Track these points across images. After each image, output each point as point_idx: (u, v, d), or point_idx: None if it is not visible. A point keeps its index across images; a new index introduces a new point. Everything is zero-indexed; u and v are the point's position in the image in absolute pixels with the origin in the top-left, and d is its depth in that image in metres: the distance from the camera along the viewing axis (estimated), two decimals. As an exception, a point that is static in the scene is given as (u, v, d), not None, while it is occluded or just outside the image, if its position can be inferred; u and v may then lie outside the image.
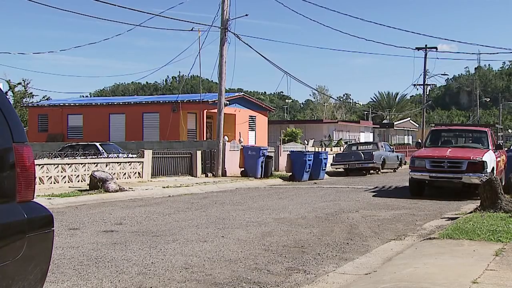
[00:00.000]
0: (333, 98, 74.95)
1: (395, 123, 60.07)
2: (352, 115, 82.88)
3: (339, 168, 25.88)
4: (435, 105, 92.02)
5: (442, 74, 69.06)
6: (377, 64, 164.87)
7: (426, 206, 11.55)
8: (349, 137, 46.24)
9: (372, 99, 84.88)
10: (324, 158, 22.47)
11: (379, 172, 25.85)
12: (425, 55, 40.23)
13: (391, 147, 31.13)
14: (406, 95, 77.45)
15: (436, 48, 40.94)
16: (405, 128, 62.21)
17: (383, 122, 65.55)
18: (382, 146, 27.48)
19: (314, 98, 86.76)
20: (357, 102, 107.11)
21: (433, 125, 22.49)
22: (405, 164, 29.51)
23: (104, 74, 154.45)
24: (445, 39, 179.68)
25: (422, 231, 8.16)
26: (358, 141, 40.69)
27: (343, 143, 36.97)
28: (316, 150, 28.38)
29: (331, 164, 25.82)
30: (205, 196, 14.18)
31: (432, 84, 47.51)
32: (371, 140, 48.17)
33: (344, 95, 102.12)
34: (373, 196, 14.03)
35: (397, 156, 28.96)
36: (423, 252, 5.96)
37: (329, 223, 9.00)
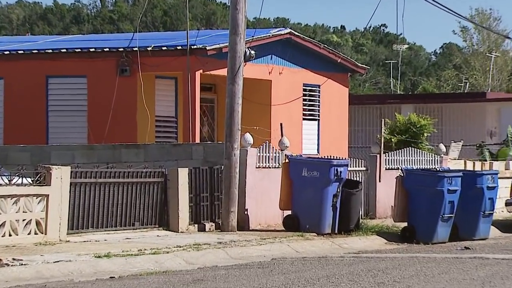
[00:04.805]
0: (512, 40, 74.44)
1: None
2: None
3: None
4: None
5: None
6: None
7: None
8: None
9: None
10: (488, 188, 22.40)
11: None
12: None
13: None
14: None
15: None
16: None
17: None
18: None
19: (465, 40, 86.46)
20: None
21: None
22: None
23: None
24: None
25: None
26: None
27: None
28: (469, 167, 28.11)
29: (508, 203, 25.56)
30: (197, 279, 14.31)
31: None
32: None
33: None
34: None
35: None
36: None
37: None
